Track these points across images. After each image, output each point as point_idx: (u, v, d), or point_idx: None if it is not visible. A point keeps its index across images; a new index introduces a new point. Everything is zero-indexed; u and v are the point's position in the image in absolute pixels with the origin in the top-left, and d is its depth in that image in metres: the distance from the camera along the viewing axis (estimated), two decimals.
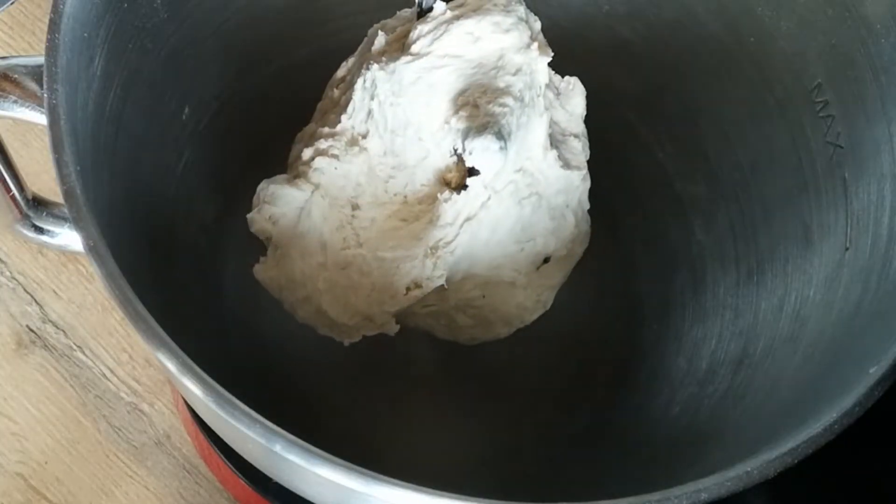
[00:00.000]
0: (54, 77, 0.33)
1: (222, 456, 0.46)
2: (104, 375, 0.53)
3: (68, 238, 0.39)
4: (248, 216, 0.40)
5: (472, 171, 0.39)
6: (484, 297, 0.40)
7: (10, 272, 0.55)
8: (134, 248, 0.39)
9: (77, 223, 0.31)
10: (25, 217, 0.39)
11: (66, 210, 0.32)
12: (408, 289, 0.38)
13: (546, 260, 0.41)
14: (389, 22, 0.43)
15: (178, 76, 0.44)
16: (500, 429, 0.48)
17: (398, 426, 0.48)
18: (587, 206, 0.43)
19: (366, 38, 0.43)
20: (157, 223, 0.43)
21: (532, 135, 0.39)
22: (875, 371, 0.32)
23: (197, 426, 0.47)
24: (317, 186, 0.39)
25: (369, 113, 0.39)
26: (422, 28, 0.40)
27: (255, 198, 0.40)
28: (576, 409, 0.49)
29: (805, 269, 0.42)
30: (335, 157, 0.39)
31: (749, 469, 0.30)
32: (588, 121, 0.44)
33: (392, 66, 0.39)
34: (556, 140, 0.40)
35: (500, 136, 0.38)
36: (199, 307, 0.45)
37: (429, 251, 0.38)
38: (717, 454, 0.38)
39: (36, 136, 0.57)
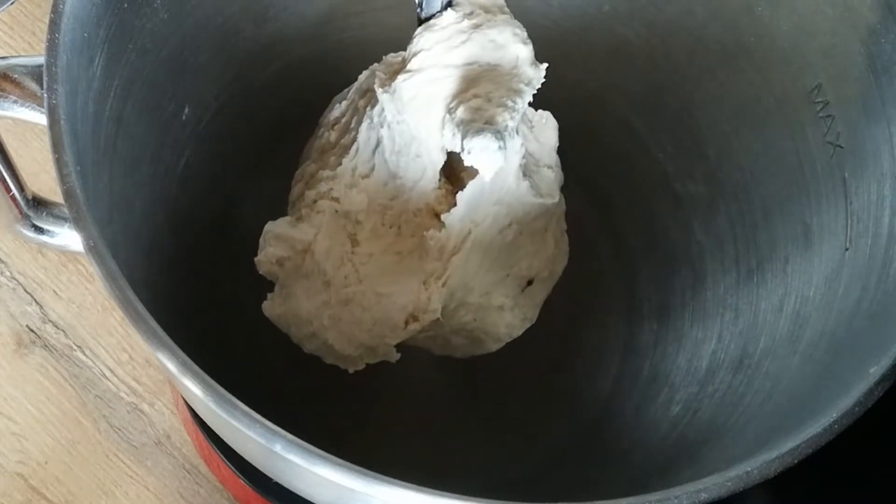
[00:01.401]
0: (54, 77, 0.33)
1: (222, 456, 0.46)
2: (104, 375, 0.53)
3: (68, 238, 0.39)
4: (256, 259, 0.42)
5: (459, 183, 0.40)
6: (475, 320, 0.42)
7: (10, 272, 0.55)
8: (134, 248, 0.39)
9: (77, 223, 0.31)
10: (25, 217, 0.39)
11: (66, 210, 0.32)
12: (406, 322, 0.40)
13: (530, 282, 0.43)
14: (378, 66, 0.43)
15: (178, 76, 0.44)
16: (500, 429, 0.48)
17: (398, 428, 0.48)
18: (564, 227, 0.44)
19: (356, 83, 0.44)
20: (157, 223, 0.43)
21: (507, 163, 0.40)
22: (875, 371, 0.32)
23: (197, 426, 0.47)
24: (319, 229, 0.41)
25: (378, 143, 0.41)
26: (427, 37, 0.40)
27: (260, 240, 0.42)
28: (576, 409, 0.49)
29: (805, 269, 0.41)
30: (336, 199, 0.41)
31: (749, 469, 0.30)
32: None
33: (393, 85, 0.40)
34: (529, 170, 0.42)
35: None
36: (198, 307, 0.45)
37: (422, 286, 0.40)
38: (717, 454, 0.38)
39: (36, 135, 0.57)
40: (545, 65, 0.40)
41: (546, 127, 0.43)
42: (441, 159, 0.40)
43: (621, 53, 0.50)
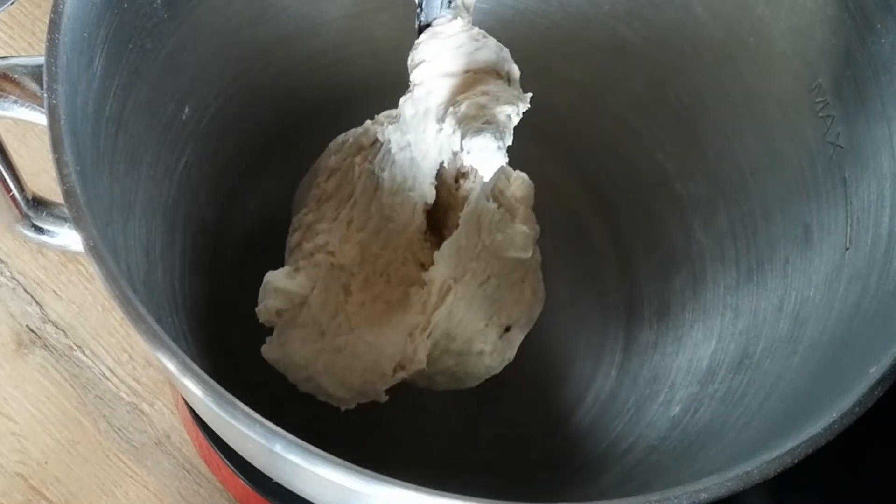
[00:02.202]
0: (54, 77, 0.33)
1: (222, 456, 0.46)
2: (104, 375, 0.53)
3: (68, 238, 0.39)
4: (256, 309, 0.43)
5: (442, 238, 0.41)
6: (457, 364, 0.44)
7: (10, 272, 0.55)
8: (134, 248, 0.39)
9: (77, 223, 0.31)
10: (25, 217, 0.39)
11: (66, 210, 0.32)
12: (394, 370, 0.42)
13: (508, 328, 0.45)
14: (370, 124, 0.45)
15: (178, 76, 0.44)
16: (499, 429, 0.48)
17: (397, 429, 0.48)
18: (540, 276, 0.46)
19: (351, 137, 0.45)
20: (157, 223, 0.43)
21: (482, 222, 0.42)
22: (875, 371, 0.32)
23: (197, 426, 0.47)
24: (315, 282, 0.43)
25: (376, 189, 0.42)
26: (433, 45, 0.40)
27: (261, 290, 0.44)
28: (575, 408, 0.49)
29: (805, 269, 0.41)
30: (331, 253, 0.43)
31: (749, 469, 0.30)
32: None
33: (398, 108, 0.41)
34: (505, 224, 0.43)
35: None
36: (198, 307, 0.45)
37: (408, 338, 0.42)
38: (717, 454, 0.38)
39: (36, 136, 0.57)
40: (530, 94, 0.41)
41: (522, 186, 0.45)
42: (431, 193, 0.41)
43: (621, 53, 0.50)
